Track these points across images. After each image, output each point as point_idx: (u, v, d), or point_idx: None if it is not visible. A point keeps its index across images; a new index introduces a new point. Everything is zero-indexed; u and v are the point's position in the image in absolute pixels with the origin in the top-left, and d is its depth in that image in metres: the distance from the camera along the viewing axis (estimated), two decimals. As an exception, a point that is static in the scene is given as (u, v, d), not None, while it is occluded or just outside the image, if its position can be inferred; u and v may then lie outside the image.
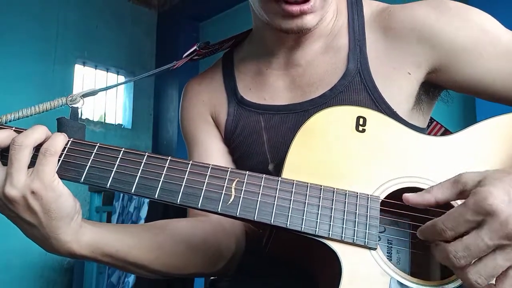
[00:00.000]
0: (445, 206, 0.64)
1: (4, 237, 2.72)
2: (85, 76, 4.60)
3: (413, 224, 0.71)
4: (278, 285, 0.83)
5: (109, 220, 3.10)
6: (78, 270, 3.50)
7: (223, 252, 0.88)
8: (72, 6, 4.42)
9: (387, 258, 0.72)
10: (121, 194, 2.84)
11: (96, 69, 4.69)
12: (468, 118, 2.68)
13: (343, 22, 0.88)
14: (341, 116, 0.73)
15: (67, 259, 3.96)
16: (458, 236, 0.57)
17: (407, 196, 0.64)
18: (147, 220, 2.69)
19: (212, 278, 0.98)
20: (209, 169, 0.68)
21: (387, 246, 0.74)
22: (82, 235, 0.71)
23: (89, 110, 4.57)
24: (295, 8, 0.76)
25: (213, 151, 0.96)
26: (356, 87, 0.84)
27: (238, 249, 0.90)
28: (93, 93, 0.84)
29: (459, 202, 0.62)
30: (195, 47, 0.94)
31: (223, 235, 0.89)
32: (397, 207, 0.68)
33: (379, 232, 0.72)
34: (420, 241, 0.63)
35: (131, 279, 2.68)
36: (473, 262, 0.56)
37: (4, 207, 0.66)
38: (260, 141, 0.90)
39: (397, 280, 0.63)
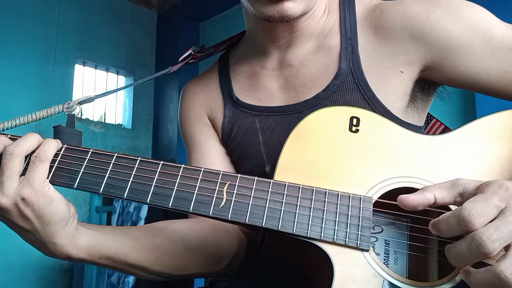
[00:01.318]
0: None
1: (4, 237, 2.72)
2: (85, 76, 4.59)
3: (411, 225, 0.71)
4: (277, 286, 0.83)
5: (109, 220, 3.10)
6: (78, 270, 3.51)
7: (224, 252, 0.88)
8: (72, 6, 4.41)
9: (384, 259, 0.72)
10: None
11: (96, 69, 4.68)
12: (468, 115, 2.66)
13: (335, 21, 0.88)
14: (334, 117, 0.72)
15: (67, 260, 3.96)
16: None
17: (403, 198, 0.62)
18: (147, 220, 2.69)
19: (212, 278, 0.98)
20: (201, 172, 0.68)
21: (384, 247, 0.73)
22: (79, 238, 0.72)
23: (89, 110, 4.56)
24: None
25: (212, 153, 0.96)
26: (349, 87, 0.83)
27: (240, 248, 0.91)
28: (90, 100, 0.84)
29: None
30: (190, 51, 0.95)
31: (224, 235, 0.89)
32: (393, 208, 0.67)
33: (377, 233, 0.72)
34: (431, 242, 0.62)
35: (131, 279, 2.69)
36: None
37: None
38: (256, 143, 0.90)
39: (390, 282, 0.63)
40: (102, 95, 0.88)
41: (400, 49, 0.81)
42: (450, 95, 0.92)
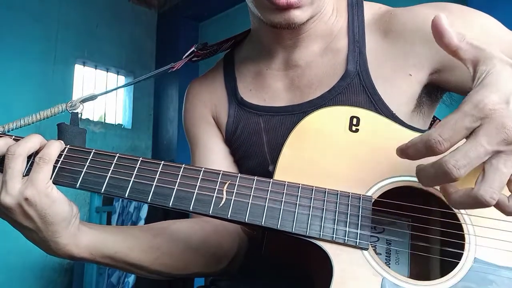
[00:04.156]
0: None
1: (4, 238, 2.72)
2: (85, 76, 4.59)
3: (412, 224, 0.71)
4: (278, 285, 0.83)
5: (109, 221, 3.10)
6: (78, 270, 3.51)
7: (225, 252, 0.88)
8: (72, 6, 4.41)
9: (386, 259, 0.72)
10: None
11: (96, 69, 4.69)
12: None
13: (343, 23, 0.88)
14: (334, 116, 0.72)
15: (67, 260, 3.96)
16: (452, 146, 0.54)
17: (441, 19, 0.59)
18: (147, 220, 2.70)
19: (212, 277, 0.99)
20: (201, 172, 0.69)
21: (386, 246, 0.73)
22: (81, 238, 0.73)
23: (89, 110, 4.56)
24: (283, 1, 0.76)
25: (215, 153, 0.96)
26: (355, 88, 0.83)
27: (240, 248, 0.91)
28: (92, 97, 0.85)
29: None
30: (193, 49, 0.95)
31: (225, 235, 0.90)
32: (393, 207, 0.67)
33: (378, 233, 0.72)
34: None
35: (131, 279, 2.68)
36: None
37: (1, 213, 0.69)
38: (260, 143, 0.90)
39: (390, 280, 0.63)
40: (105, 92, 0.88)
41: (410, 52, 0.81)
42: (456, 100, 0.91)
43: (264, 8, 0.79)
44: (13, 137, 0.72)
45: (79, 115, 0.83)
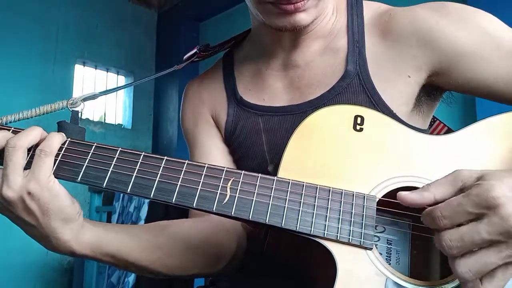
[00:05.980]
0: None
1: (5, 237, 2.72)
2: (85, 77, 4.60)
3: (413, 224, 0.71)
4: (278, 285, 0.82)
5: (109, 220, 3.10)
6: (78, 270, 3.50)
7: (224, 252, 0.88)
8: (72, 6, 4.42)
9: (387, 258, 0.72)
10: (121, 194, 2.84)
11: (96, 69, 4.69)
12: (468, 117, 2.67)
13: (343, 23, 0.88)
14: (338, 115, 0.72)
15: (67, 259, 3.97)
16: (453, 226, 0.56)
17: (403, 195, 0.62)
18: (147, 220, 2.69)
19: (211, 277, 0.99)
20: (205, 168, 0.68)
21: (387, 246, 0.73)
22: (83, 234, 0.72)
23: (89, 110, 4.57)
24: (290, 7, 0.76)
25: (214, 152, 0.96)
26: (355, 88, 0.83)
27: (239, 249, 0.90)
28: (93, 97, 0.84)
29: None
30: (195, 50, 0.94)
31: (224, 235, 0.89)
32: (396, 207, 0.67)
33: (379, 232, 0.71)
34: (420, 239, 0.62)
35: (131, 278, 2.68)
36: (464, 254, 0.55)
37: (2, 208, 0.67)
38: (259, 143, 0.90)
39: (393, 280, 0.63)
40: (106, 92, 0.87)
41: (408, 54, 0.81)
42: (456, 100, 0.92)
43: (269, 13, 0.79)
44: (12, 129, 0.71)
45: (80, 114, 0.82)
